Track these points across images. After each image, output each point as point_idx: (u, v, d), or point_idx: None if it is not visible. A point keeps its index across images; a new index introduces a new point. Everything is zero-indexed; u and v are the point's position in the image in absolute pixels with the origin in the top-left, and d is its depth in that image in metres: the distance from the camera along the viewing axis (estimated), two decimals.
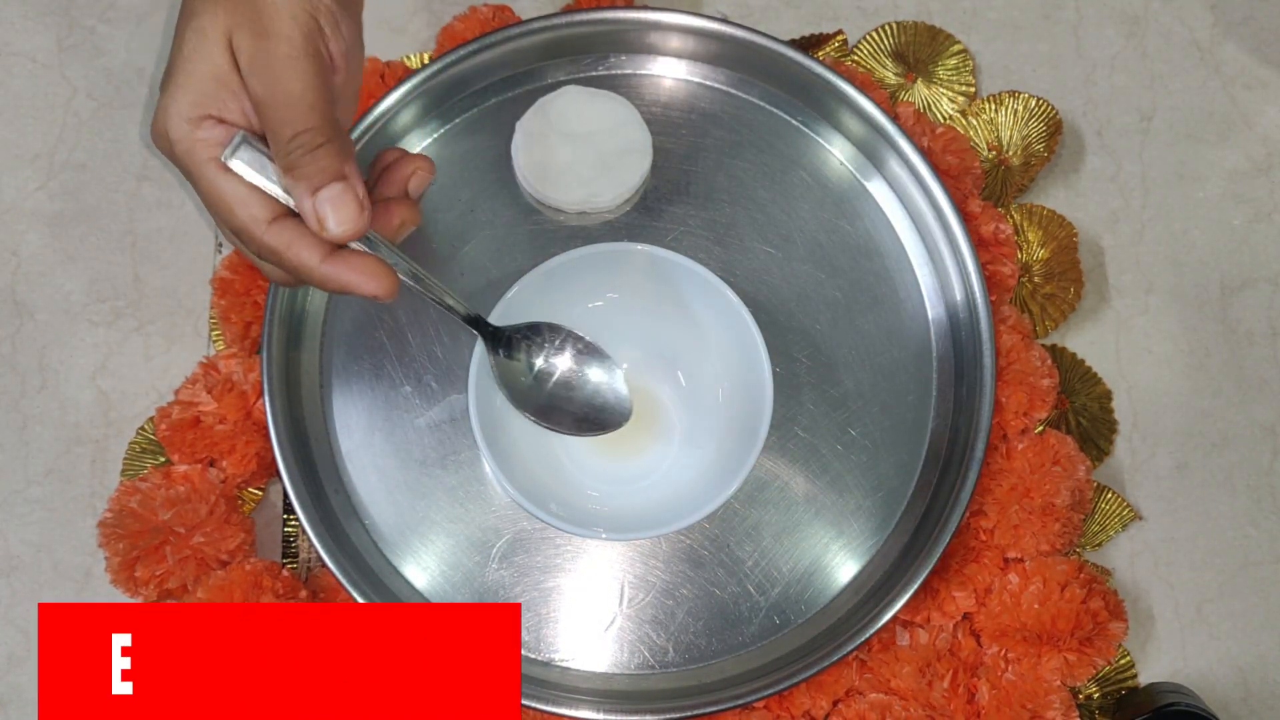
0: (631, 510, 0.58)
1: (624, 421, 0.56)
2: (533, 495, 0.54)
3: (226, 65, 0.39)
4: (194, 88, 0.39)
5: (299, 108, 0.39)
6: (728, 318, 0.56)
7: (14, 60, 0.69)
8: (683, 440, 0.60)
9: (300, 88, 0.39)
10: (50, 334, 0.66)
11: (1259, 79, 0.72)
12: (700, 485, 0.56)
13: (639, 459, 0.60)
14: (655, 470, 0.60)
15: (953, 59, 0.70)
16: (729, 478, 0.54)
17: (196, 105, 0.39)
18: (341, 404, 0.62)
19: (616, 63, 0.66)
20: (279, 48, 0.38)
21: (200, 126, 0.40)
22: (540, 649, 0.60)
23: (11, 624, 0.63)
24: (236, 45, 0.39)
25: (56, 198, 0.68)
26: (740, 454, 0.55)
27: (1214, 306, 0.69)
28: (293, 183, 0.40)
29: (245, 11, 0.38)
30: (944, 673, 0.60)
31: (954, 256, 0.63)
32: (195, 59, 0.38)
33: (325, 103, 0.40)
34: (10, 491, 0.64)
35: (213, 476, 0.62)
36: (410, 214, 0.45)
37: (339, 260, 0.42)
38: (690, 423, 0.60)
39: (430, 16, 0.70)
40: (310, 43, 0.39)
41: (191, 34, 0.38)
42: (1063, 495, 0.62)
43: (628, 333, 0.60)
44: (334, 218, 0.40)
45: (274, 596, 0.59)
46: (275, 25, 0.38)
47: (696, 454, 0.59)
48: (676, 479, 0.59)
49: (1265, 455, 0.67)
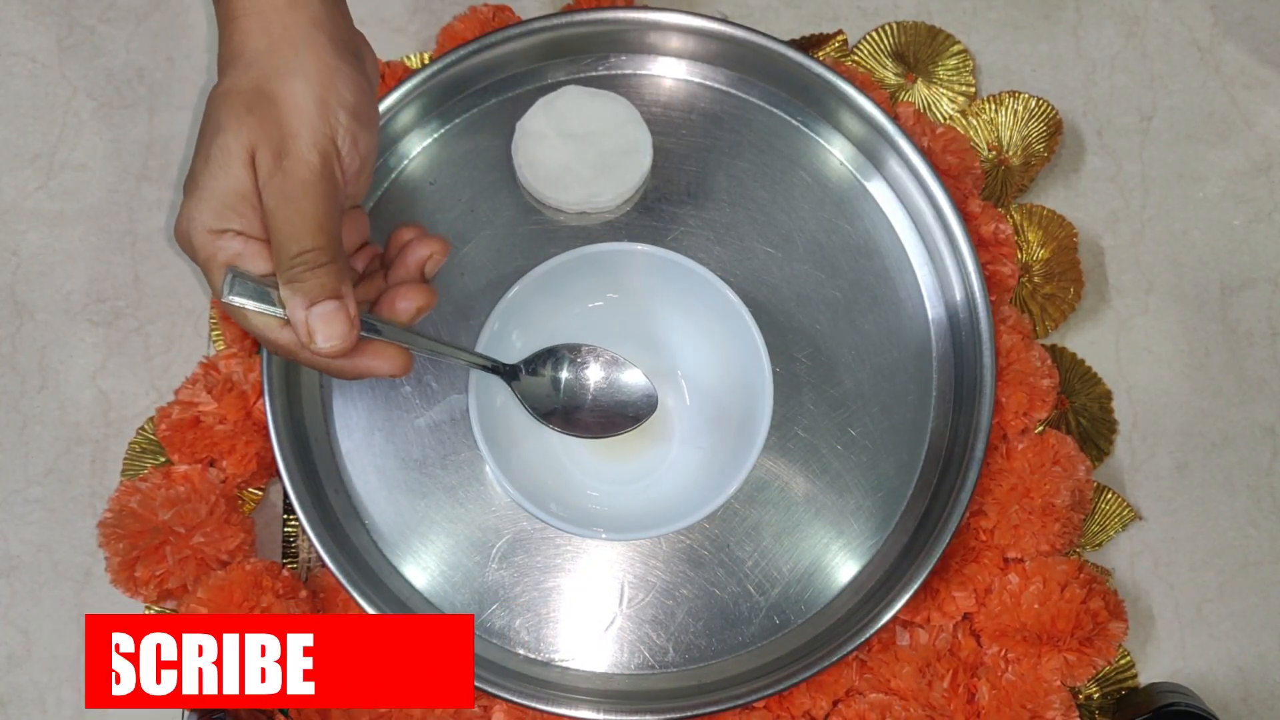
0: (631, 510, 0.58)
1: (654, 409, 0.56)
2: (533, 495, 0.54)
3: (249, 182, 0.41)
4: (217, 201, 0.41)
5: (308, 227, 0.41)
6: (728, 318, 0.56)
7: (14, 60, 0.69)
8: (682, 441, 0.60)
9: (311, 209, 0.41)
10: (50, 334, 0.66)
11: (1259, 79, 0.72)
12: (700, 486, 0.56)
13: (639, 459, 0.60)
14: (655, 471, 0.60)
15: (953, 59, 0.70)
16: (728, 478, 0.54)
17: (219, 218, 0.41)
18: (341, 404, 0.62)
19: (616, 63, 0.66)
20: (297, 170, 0.41)
21: (221, 238, 0.42)
22: (540, 649, 0.60)
23: (11, 624, 0.63)
24: (258, 161, 0.41)
25: (56, 198, 0.68)
26: (740, 455, 0.55)
27: (1214, 306, 0.69)
28: (290, 294, 0.42)
29: (269, 131, 0.41)
30: (944, 673, 0.60)
31: (954, 256, 0.63)
32: (220, 174, 0.41)
33: (333, 224, 0.42)
34: (10, 491, 0.64)
35: (213, 476, 0.62)
36: (426, 299, 0.47)
37: (353, 351, 0.44)
38: (690, 423, 0.60)
39: (430, 16, 0.70)
40: (326, 166, 0.42)
41: (218, 149, 0.40)
42: (1063, 495, 0.62)
43: (627, 333, 0.60)
44: (323, 333, 0.42)
45: (274, 596, 0.59)
46: (295, 148, 0.41)
47: (696, 455, 0.59)
48: (676, 479, 0.59)
49: (1265, 455, 0.67)
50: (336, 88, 0.43)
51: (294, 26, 0.43)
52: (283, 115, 0.42)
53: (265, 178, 0.41)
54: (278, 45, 0.42)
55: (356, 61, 0.45)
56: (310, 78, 0.42)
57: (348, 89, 0.43)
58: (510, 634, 0.60)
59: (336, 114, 0.43)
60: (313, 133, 0.42)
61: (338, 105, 0.43)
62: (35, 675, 0.63)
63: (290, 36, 0.43)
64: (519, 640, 0.60)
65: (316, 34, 0.43)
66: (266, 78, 0.42)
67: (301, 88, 0.42)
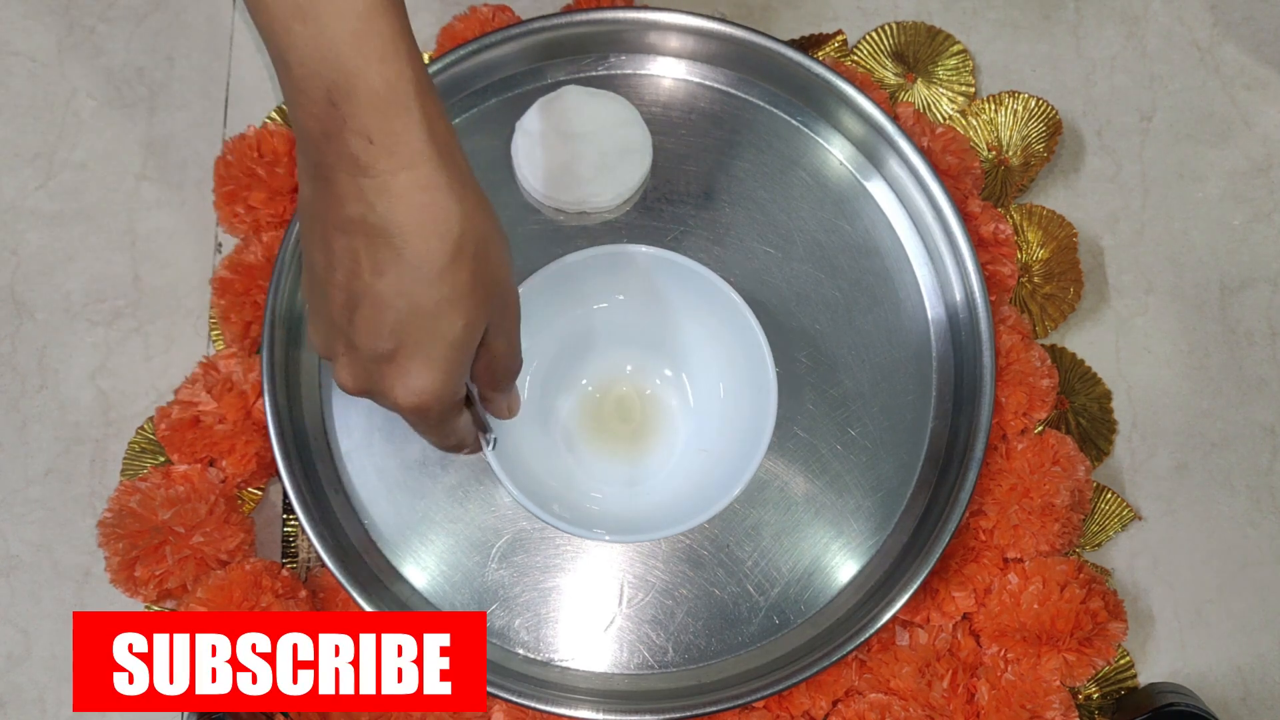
0: (635, 512, 0.58)
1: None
2: (536, 497, 0.54)
3: (476, 346, 0.44)
4: (463, 369, 0.43)
5: (519, 360, 0.48)
6: (732, 320, 0.56)
7: (14, 60, 0.69)
8: (687, 442, 0.60)
9: (519, 342, 0.47)
10: (50, 334, 0.66)
11: (1259, 79, 0.72)
12: (705, 488, 0.56)
13: (643, 461, 0.60)
14: (659, 473, 0.60)
15: (953, 59, 0.70)
16: (733, 481, 0.54)
17: (462, 381, 0.44)
18: (341, 404, 0.62)
19: (616, 63, 0.66)
20: (513, 313, 0.45)
21: (461, 389, 0.45)
22: (540, 649, 0.60)
23: (11, 624, 0.63)
24: (491, 324, 0.44)
25: (56, 198, 0.68)
26: (744, 457, 0.54)
27: (1214, 306, 0.69)
28: (500, 396, 0.50)
29: (495, 299, 0.43)
30: (944, 673, 0.60)
31: (954, 256, 0.63)
32: (466, 350, 0.43)
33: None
34: (10, 491, 0.64)
35: (212, 476, 0.62)
36: (517, 406, 0.54)
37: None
38: (695, 425, 0.60)
39: (430, 16, 0.70)
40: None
41: (466, 333, 0.42)
42: (1062, 495, 0.62)
43: (632, 335, 0.60)
44: (515, 409, 0.53)
45: (273, 596, 0.59)
46: (510, 295, 0.45)
47: (700, 456, 0.59)
48: (680, 482, 0.59)
49: (1265, 455, 0.67)
50: (500, 225, 0.43)
51: (468, 170, 0.42)
52: (498, 274, 0.43)
53: (495, 329, 0.44)
54: (472, 202, 0.41)
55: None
56: (499, 226, 0.43)
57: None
58: (510, 634, 0.60)
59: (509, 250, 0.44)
60: (513, 281, 0.45)
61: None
62: (35, 675, 0.63)
63: (473, 184, 0.42)
64: (519, 640, 0.60)
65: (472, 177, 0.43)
66: (475, 242, 0.41)
67: (501, 236, 0.43)
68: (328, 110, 0.38)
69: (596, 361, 0.61)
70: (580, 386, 0.61)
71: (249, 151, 0.65)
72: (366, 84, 0.38)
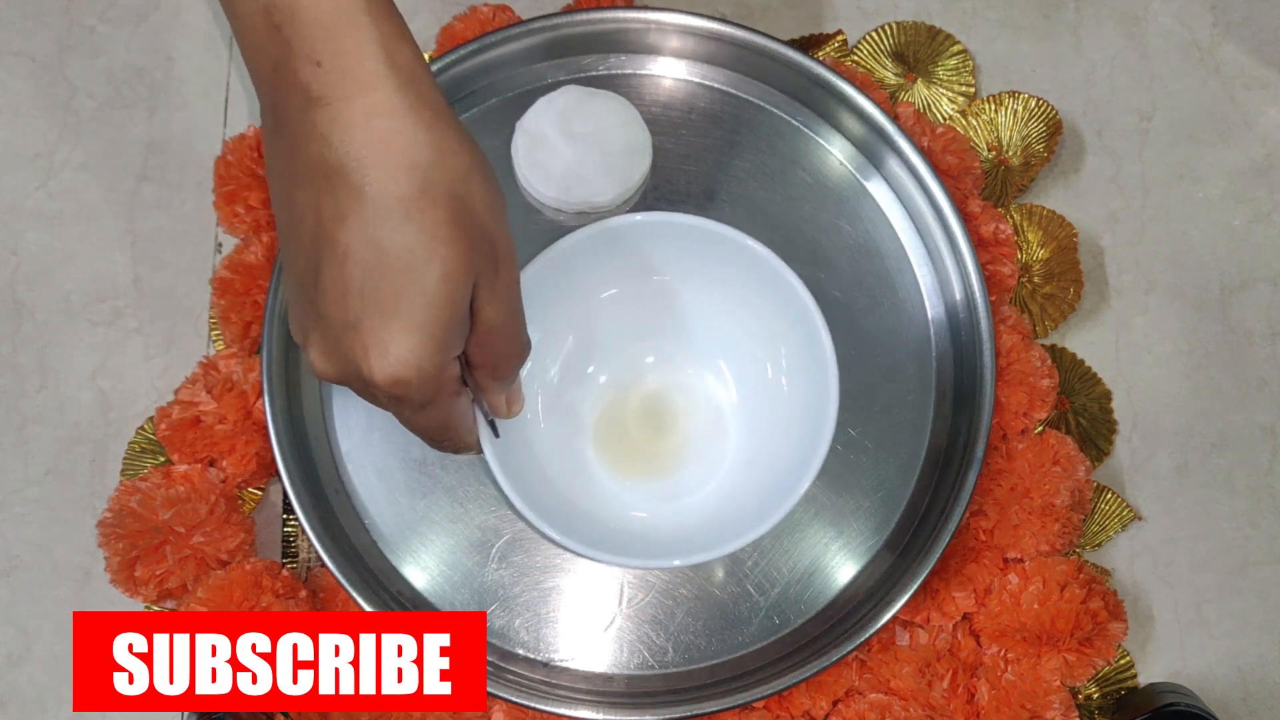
0: (681, 529, 0.54)
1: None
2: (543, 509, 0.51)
3: (467, 308, 0.38)
4: (445, 333, 0.37)
5: (524, 331, 0.42)
6: (775, 286, 0.51)
7: (14, 60, 0.69)
8: (735, 443, 0.56)
9: (522, 315, 0.41)
10: (50, 334, 0.66)
11: (1259, 79, 0.72)
12: (761, 494, 0.52)
13: (681, 470, 0.56)
14: (700, 482, 0.56)
15: (953, 59, 0.70)
16: (796, 477, 0.49)
17: (448, 352, 0.38)
18: (341, 404, 0.62)
19: (616, 63, 0.66)
20: (511, 282, 0.39)
21: (447, 369, 0.39)
22: (540, 649, 0.60)
23: (11, 624, 0.63)
24: (479, 281, 0.38)
25: (56, 198, 0.68)
26: (810, 440, 0.49)
27: (1214, 306, 0.69)
28: (498, 386, 0.45)
29: (483, 248, 0.37)
30: (944, 673, 0.60)
31: (954, 256, 0.63)
32: (446, 306, 0.37)
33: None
34: (10, 491, 0.64)
35: (212, 476, 0.62)
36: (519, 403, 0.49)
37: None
38: (740, 422, 0.56)
39: (430, 16, 0.70)
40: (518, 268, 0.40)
41: (442, 282, 0.36)
42: (1062, 495, 0.62)
43: (649, 325, 0.56)
44: (516, 406, 0.48)
45: (273, 596, 0.59)
46: (504, 253, 0.38)
47: (748, 463, 0.55)
48: (732, 491, 0.55)
49: (1265, 455, 0.67)
50: (490, 166, 0.38)
51: (441, 101, 0.37)
52: (485, 221, 0.37)
53: (486, 291, 0.38)
54: (445, 133, 0.36)
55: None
56: (488, 166, 0.38)
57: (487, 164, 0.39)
58: (510, 634, 0.60)
59: (501, 195, 0.39)
60: (508, 232, 0.39)
61: (497, 185, 0.39)
62: (35, 675, 0.63)
63: (447, 115, 0.36)
64: (519, 640, 0.60)
65: (447, 108, 0.37)
66: (451, 179, 0.36)
67: (487, 176, 0.37)
68: (272, 36, 0.34)
69: (612, 357, 0.57)
70: (599, 387, 0.57)
71: (249, 151, 0.65)
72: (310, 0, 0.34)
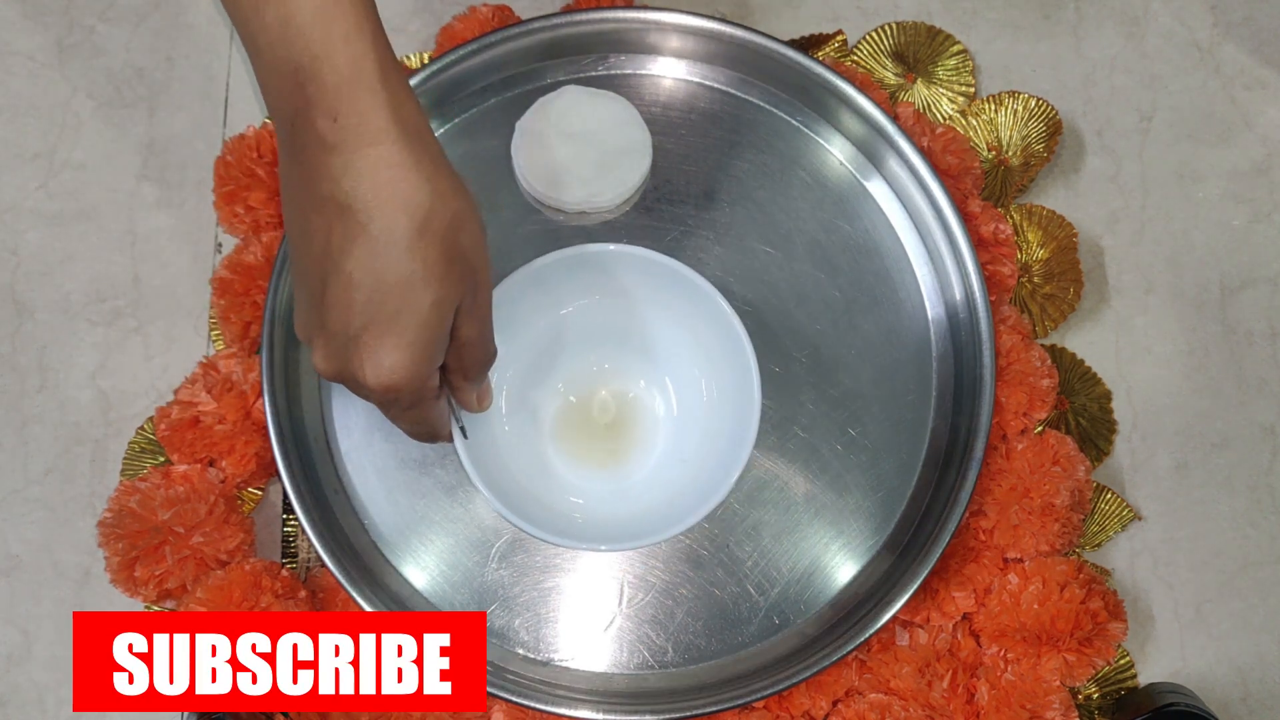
0: (617, 519, 0.57)
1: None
2: (512, 502, 0.53)
3: (450, 327, 0.44)
4: (434, 349, 0.43)
5: (492, 341, 0.48)
6: (717, 324, 0.55)
7: (14, 60, 0.69)
8: (667, 445, 0.59)
9: (492, 327, 0.47)
10: (50, 334, 0.66)
11: (1259, 79, 0.72)
12: (687, 493, 0.55)
13: (622, 466, 0.59)
14: (637, 476, 0.59)
15: (953, 59, 0.70)
16: (717, 484, 0.53)
17: (434, 362, 0.44)
18: (341, 404, 0.62)
19: (616, 63, 0.66)
20: (485, 301, 0.46)
21: (431, 378, 0.45)
22: (540, 649, 0.60)
23: (11, 624, 0.63)
24: (462, 305, 0.44)
25: (56, 198, 0.68)
26: (728, 459, 0.54)
27: (1214, 306, 0.69)
28: (470, 386, 0.50)
29: (468, 278, 0.43)
30: (943, 673, 0.60)
31: (954, 256, 0.63)
32: (436, 327, 0.42)
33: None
34: (10, 491, 0.64)
35: (212, 476, 0.62)
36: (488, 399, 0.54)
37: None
38: (675, 428, 0.60)
39: (430, 16, 0.70)
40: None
41: (435, 310, 0.42)
42: (1062, 495, 0.62)
43: (613, 336, 0.59)
44: (486, 402, 0.53)
45: (273, 596, 0.59)
46: (483, 280, 0.45)
47: (681, 462, 0.58)
48: (664, 486, 0.58)
49: (1265, 455, 0.67)
50: (475, 206, 0.44)
51: (439, 152, 0.42)
52: (470, 256, 0.43)
53: (466, 313, 0.44)
54: (441, 181, 0.41)
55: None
56: (474, 207, 0.43)
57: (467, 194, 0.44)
58: (510, 634, 0.60)
59: (483, 230, 0.44)
60: (488, 262, 0.45)
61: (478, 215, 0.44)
62: (35, 675, 0.63)
63: (444, 165, 0.42)
64: (519, 640, 0.60)
65: (444, 159, 0.43)
66: (445, 221, 0.41)
67: (474, 218, 0.43)
68: (296, 91, 0.39)
69: (571, 365, 0.60)
70: (558, 391, 0.60)
71: (249, 151, 0.65)
72: (331, 64, 0.39)
